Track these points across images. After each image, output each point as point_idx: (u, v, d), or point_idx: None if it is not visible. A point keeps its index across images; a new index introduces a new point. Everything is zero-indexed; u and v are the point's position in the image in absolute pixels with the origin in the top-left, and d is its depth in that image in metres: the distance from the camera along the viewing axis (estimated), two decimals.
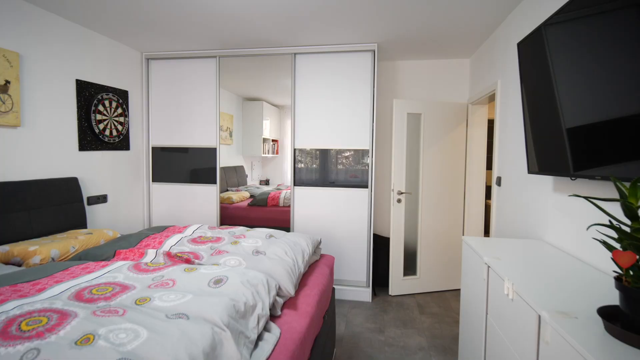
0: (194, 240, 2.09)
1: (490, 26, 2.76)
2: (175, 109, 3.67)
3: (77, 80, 2.90)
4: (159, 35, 3.13)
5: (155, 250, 1.93)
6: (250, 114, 4.37)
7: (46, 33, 2.63)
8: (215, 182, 3.66)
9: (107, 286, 1.40)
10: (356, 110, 3.30)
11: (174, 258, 1.83)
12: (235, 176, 4.37)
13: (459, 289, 3.63)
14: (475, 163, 3.52)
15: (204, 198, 3.68)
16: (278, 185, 4.62)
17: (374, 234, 3.63)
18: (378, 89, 3.79)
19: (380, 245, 3.60)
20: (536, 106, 1.80)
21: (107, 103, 3.17)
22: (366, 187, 3.31)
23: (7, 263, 1.99)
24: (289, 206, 3.65)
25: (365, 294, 3.32)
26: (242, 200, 4.16)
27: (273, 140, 4.57)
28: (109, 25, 2.91)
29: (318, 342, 1.80)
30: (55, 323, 1.07)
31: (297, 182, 3.50)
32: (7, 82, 2.36)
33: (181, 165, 3.74)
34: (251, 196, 4.23)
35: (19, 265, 1.98)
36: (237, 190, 4.29)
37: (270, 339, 1.35)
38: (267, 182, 4.69)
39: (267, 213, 4.00)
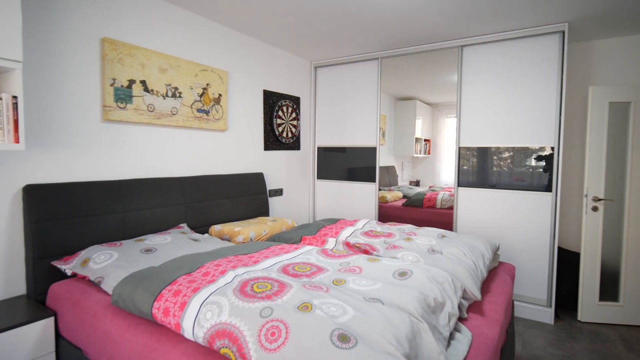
0: (366, 234, 2.17)
1: None
2: (337, 111, 3.93)
3: (264, 91, 3.41)
4: (325, 45, 3.41)
5: (334, 239, 2.08)
6: (402, 114, 4.33)
7: (245, 52, 3.17)
8: (374, 181, 3.76)
9: (305, 265, 1.57)
10: (535, 102, 2.88)
11: (352, 248, 1.94)
12: (387, 176, 4.41)
13: None
14: None
15: (362, 195, 3.83)
16: (430, 186, 4.45)
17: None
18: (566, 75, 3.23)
19: (565, 260, 3.05)
20: None
21: (285, 109, 3.62)
22: (546, 190, 2.85)
23: (220, 239, 2.47)
24: (447, 208, 3.46)
25: (545, 315, 2.86)
26: (395, 200, 4.16)
27: (425, 140, 4.43)
28: (286, 41, 3.32)
29: (502, 356, 1.62)
30: (277, 290, 1.25)
31: (460, 182, 3.29)
32: (220, 95, 2.94)
33: (340, 164, 3.98)
34: (404, 196, 4.19)
35: (228, 241, 2.43)
36: (390, 190, 4.31)
37: (463, 340, 1.27)
38: (417, 183, 4.57)
39: (423, 214, 3.90)
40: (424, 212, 3.86)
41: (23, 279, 1.88)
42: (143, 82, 2.38)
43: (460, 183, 3.29)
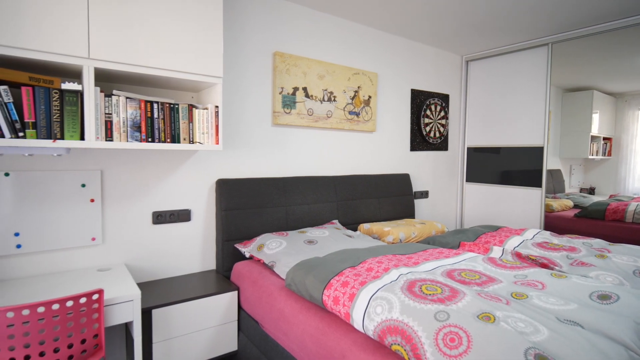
0: (540, 245, 1.88)
1: None
2: (491, 108, 3.56)
3: (411, 90, 3.33)
4: (479, 35, 3.12)
5: (500, 248, 1.87)
6: (572, 108, 3.64)
7: (393, 53, 3.16)
8: (539, 186, 3.27)
9: (473, 273, 1.45)
10: None
11: (525, 259, 1.71)
12: (551, 181, 3.78)
13: None
14: None
15: (521, 202, 3.37)
16: (611, 195, 3.61)
17: None
18: None
19: None
20: None
21: (433, 107, 3.47)
22: None
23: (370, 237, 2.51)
24: None
25: None
26: (564, 210, 3.54)
27: (604, 139, 3.62)
28: (435, 36, 3.16)
29: None
30: (449, 295, 1.18)
31: None
32: (369, 97, 3.00)
33: (492, 166, 3.60)
34: (576, 205, 3.53)
35: (377, 240, 2.45)
36: (555, 198, 3.68)
37: None
38: (591, 191, 3.77)
39: (604, 228, 3.21)
40: (606, 226, 3.19)
41: (213, 256, 2.29)
42: (304, 89, 2.60)
43: None
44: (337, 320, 1.35)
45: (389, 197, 3.04)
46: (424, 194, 3.48)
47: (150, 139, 1.73)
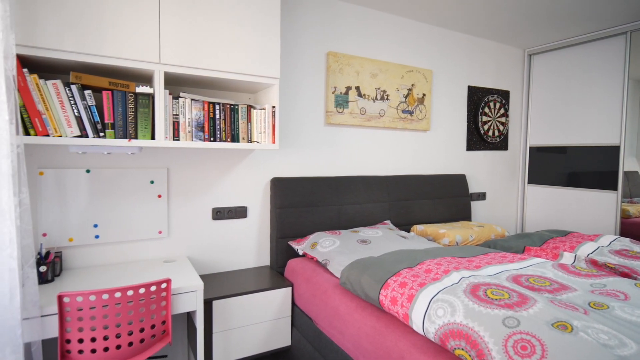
0: (619, 253, 1.71)
1: None
2: (556, 104, 3.30)
3: (468, 87, 3.19)
4: (544, 27, 2.90)
5: (571, 254, 1.73)
6: None
7: (449, 49, 3.05)
8: (614, 189, 2.98)
9: (542, 279, 1.35)
10: None
11: (601, 267, 1.56)
12: (626, 184, 3.42)
13: None
14: None
15: (592, 206, 3.09)
16: None
17: None
18: None
19: None
20: None
21: (491, 105, 3.29)
22: None
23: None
24: None
25: None
26: None
27: None
28: (495, 29, 2.99)
29: None
30: (518, 300, 1.11)
31: None
32: (424, 95, 2.92)
33: (558, 166, 3.33)
34: None
35: (432, 241, 2.37)
36: (631, 202, 3.32)
37: None
38: None
39: None
40: None
41: (268, 252, 2.35)
42: (357, 88, 2.59)
43: None
44: (394, 320, 1.33)
45: (444, 198, 2.94)
46: (481, 196, 3.31)
47: (212, 139, 1.82)
